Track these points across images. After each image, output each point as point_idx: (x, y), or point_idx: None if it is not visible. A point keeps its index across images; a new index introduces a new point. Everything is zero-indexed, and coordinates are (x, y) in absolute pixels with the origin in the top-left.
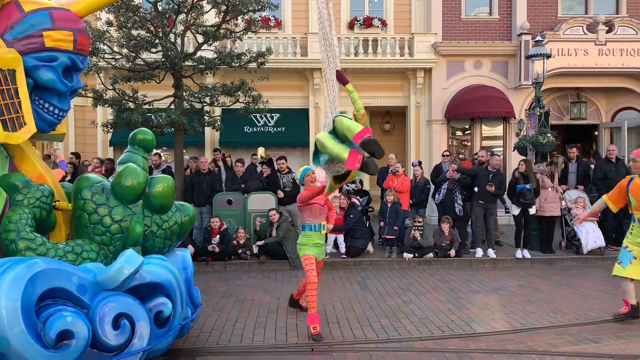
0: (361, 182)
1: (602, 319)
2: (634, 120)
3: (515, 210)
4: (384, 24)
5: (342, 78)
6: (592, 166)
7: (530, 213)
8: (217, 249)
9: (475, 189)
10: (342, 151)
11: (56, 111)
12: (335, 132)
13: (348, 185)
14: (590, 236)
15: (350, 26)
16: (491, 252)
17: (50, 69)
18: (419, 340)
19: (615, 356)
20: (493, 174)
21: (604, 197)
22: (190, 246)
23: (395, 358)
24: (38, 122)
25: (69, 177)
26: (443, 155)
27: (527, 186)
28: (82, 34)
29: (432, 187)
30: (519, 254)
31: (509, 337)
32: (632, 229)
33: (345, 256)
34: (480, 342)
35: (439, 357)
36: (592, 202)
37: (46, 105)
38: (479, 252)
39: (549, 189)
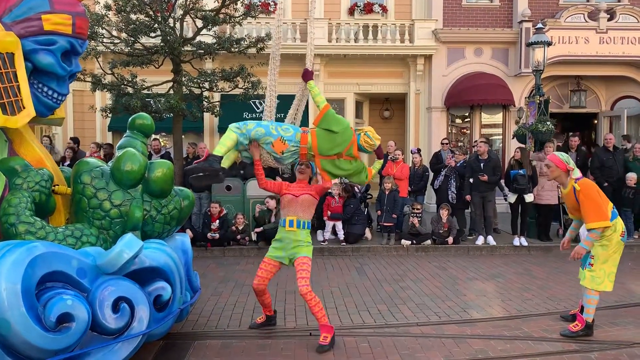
0: None
1: (597, 306)
2: (633, 109)
3: (512, 198)
4: (384, 9)
5: (307, 75)
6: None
7: (527, 200)
8: (217, 236)
9: (471, 180)
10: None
11: (55, 95)
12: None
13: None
14: None
15: (351, 12)
16: (491, 239)
17: (49, 53)
18: (416, 326)
19: (610, 342)
20: (484, 162)
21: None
22: (188, 230)
23: (392, 343)
24: (37, 106)
25: (68, 162)
26: (442, 143)
27: (521, 171)
28: (80, 18)
29: (431, 174)
30: (516, 241)
31: (505, 323)
32: None
33: (344, 243)
34: (477, 328)
35: (436, 343)
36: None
37: (45, 89)
38: (480, 240)
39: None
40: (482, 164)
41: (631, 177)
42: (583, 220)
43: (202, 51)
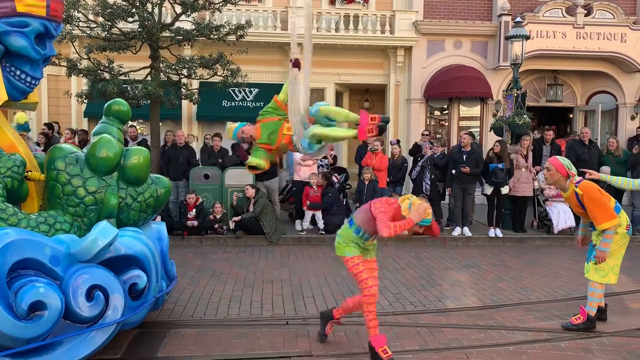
0: (335, 157)
1: (569, 297)
2: (607, 104)
3: (488, 190)
4: (365, 0)
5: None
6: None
7: (503, 193)
8: (195, 224)
9: (453, 171)
10: (347, 131)
11: (28, 79)
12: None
13: (321, 161)
14: (562, 216)
15: (332, 1)
16: (467, 230)
17: (22, 35)
18: (392, 315)
19: (580, 332)
20: (467, 154)
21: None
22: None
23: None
24: (9, 90)
25: (42, 148)
26: (422, 135)
27: (500, 165)
28: (55, 0)
29: (410, 165)
30: (491, 232)
31: (479, 313)
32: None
33: (323, 232)
34: (452, 318)
35: (411, 332)
36: None
37: (18, 72)
38: (457, 231)
39: (523, 169)
40: (464, 156)
41: (605, 171)
42: (592, 222)
43: (181, 37)
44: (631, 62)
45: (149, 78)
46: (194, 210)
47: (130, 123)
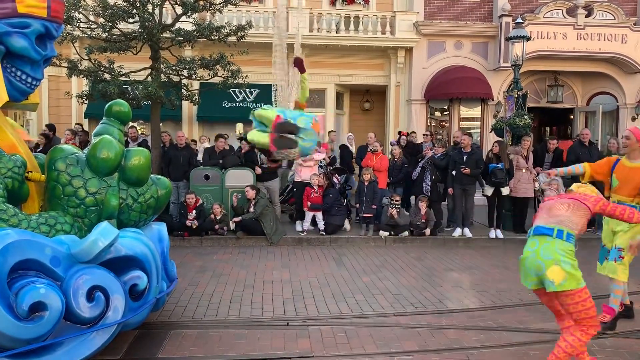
0: (334, 158)
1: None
2: (608, 105)
3: (489, 190)
4: (366, 1)
5: (301, 66)
6: None
7: (504, 194)
8: (195, 224)
9: (453, 172)
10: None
11: (29, 80)
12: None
13: (321, 162)
14: None
15: (332, 2)
16: (467, 231)
17: (23, 36)
18: (393, 316)
19: None
20: (467, 155)
21: (585, 164)
22: None
23: (368, 333)
24: (10, 91)
25: (41, 148)
26: (424, 135)
27: (499, 165)
28: (56, 1)
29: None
30: (492, 233)
31: (480, 314)
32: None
33: (323, 233)
34: (453, 319)
35: (412, 333)
36: (564, 185)
37: (19, 73)
38: (457, 231)
39: (523, 170)
40: (464, 157)
41: None
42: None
43: (181, 38)
44: (632, 63)
45: (149, 79)
46: (194, 211)
47: (130, 124)
